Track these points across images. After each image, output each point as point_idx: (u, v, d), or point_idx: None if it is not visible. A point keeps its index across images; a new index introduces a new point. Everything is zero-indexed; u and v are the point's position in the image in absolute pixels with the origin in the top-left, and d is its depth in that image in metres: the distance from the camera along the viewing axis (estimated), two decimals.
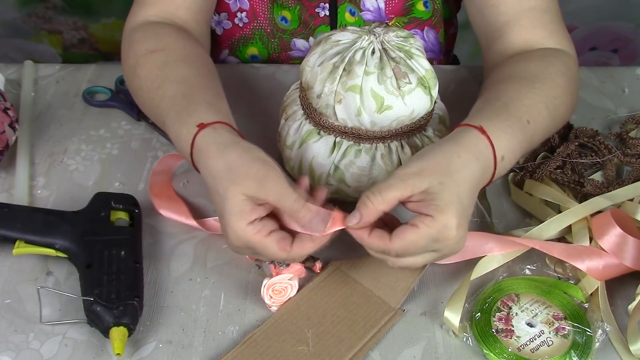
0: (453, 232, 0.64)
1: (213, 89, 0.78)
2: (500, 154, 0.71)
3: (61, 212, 0.77)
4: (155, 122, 0.82)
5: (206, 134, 0.70)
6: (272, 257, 0.67)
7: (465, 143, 0.69)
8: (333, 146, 0.77)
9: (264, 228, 0.66)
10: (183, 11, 0.89)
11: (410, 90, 0.73)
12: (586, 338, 0.68)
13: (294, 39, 1.03)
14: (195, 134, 0.70)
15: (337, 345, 0.68)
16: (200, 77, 0.79)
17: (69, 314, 0.71)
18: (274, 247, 0.66)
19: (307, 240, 0.67)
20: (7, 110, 0.86)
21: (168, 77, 0.78)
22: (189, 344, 0.69)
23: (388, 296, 0.72)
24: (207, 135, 0.70)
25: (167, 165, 0.86)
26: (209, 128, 0.70)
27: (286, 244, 0.66)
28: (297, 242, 0.67)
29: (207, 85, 0.78)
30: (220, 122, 0.71)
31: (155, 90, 0.78)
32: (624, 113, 0.97)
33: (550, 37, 0.86)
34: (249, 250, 0.68)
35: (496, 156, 0.70)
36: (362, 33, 0.75)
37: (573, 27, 1.92)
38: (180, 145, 0.73)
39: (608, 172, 0.86)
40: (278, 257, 0.67)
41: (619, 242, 0.73)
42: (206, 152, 0.69)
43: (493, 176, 0.71)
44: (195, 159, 0.71)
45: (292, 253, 0.66)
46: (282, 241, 0.66)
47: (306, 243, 0.67)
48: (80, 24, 1.95)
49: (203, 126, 0.70)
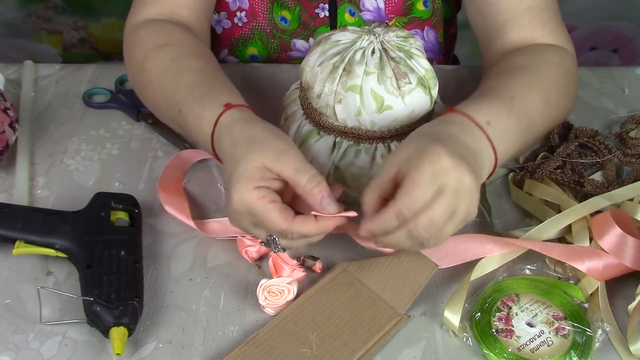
0: (446, 159, 0.62)
1: (228, 81, 0.79)
2: (482, 119, 0.69)
3: (61, 212, 0.77)
4: (164, 113, 0.82)
5: (233, 112, 0.71)
6: (271, 225, 0.66)
7: (434, 120, 0.71)
8: (333, 146, 0.77)
9: (269, 195, 0.66)
10: (184, 10, 0.90)
11: (410, 90, 0.73)
12: (586, 338, 0.68)
13: (294, 40, 1.03)
14: (221, 113, 0.71)
15: (340, 349, 0.68)
16: (214, 69, 0.80)
17: (69, 314, 0.71)
18: (276, 214, 0.65)
19: (311, 220, 0.66)
20: (7, 110, 0.86)
21: (182, 68, 0.79)
22: (189, 344, 0.69)
23: (394, 301, 0.72)
24: (233, 114, 0.71)
25: (182, 161, 0.86)
26: (236, 109, 0.72)
27: (288, 215, 0.65)
28: (300, 218, 0.66)
29: (222, 76, 0.79)
30: (245, 106, 0.73)
31: (168, 80, 0.79)
32: (624, 113, 0.97)
33: (548, 35, 0.86)
34: (249, 218, 0.67)
35: (477, 121, 0.69)
36: (362, 33, 0.75)
37: (573, 27, 1.92)
38: (200, 126, 0.73)
39: (608, 172, 0.86)
40: (277, 227, 0.66)
41: (618, 242, 0.73)
42: (231, 127, 0.70)
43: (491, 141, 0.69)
44: (217, 137, 0.71)
45: (293, 225, 0.65)
46: (285, 211, 0.66)
47: (309, 221, 0.66)
48: (80, 24, 1.95)
49: (230, 106, 0.72)
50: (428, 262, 0.74)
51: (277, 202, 0.66)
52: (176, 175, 0.85)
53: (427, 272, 0.74)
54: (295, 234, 0.66)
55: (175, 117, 0.79)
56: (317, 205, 0.66)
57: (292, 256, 0.74)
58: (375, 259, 0.75)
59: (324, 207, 0.66)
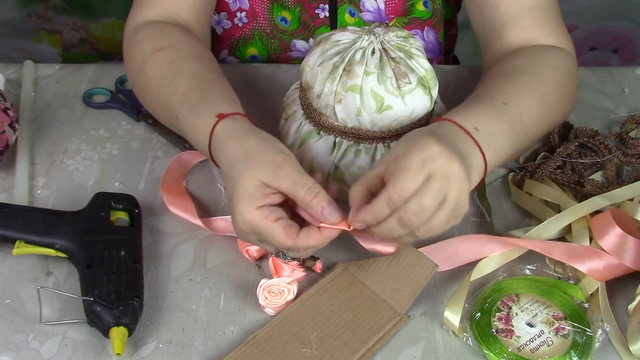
0: (435, 146, 0.63)
1: (225, 84, 0.79)
2: (469, 126, 0.69)
3: (61, 212, 0.77)
4: (163, 118, 0.82)
5: (226, 123, 0.71)
6: (277, 243, 0.66)
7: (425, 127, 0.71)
8: (333, 146, 0.77)
9: (272, 214, 0.66)
10: (185, 11, 0.89)
11: (410, 90, 0.73)
12: (586, 338, 0.68)
13: (294, 40, 1.03)
14: (215, 124, 0.71)
15: (340, 349, 0.68)
16: (211, 72, 0.80)
17: (69, 314, 0.71)
18: (280, 233, 0.65)
19: (315, 232, 0.66)
20: (7, 110, 0.86)
21: (179, 73, 0.79)
22: (189, 344, 0.69)
23: (394, 301, 0.72)
24: (227, 125, 0.71)
25: (183, 162, 0.86)
26: (229, 118, 0.71)
27: (292, 232, 0.65)
28: (304, 232, 0.66)
29: (218, 80, 0.79)
30: (238, 114, 0.73)
31: (165, 86, 0.78)
32: (624, 113, 0.97)
33: (549, 35, 0.86)
34: (255, 236, 0.67)
35: (464, 127, 0.69)
36: (362, 33, 0.75)
37: (573, 27, 1.92)
38: (197, 137, 0.73)
39: (608, 172, 0.86)
40: (283, 245, 0.66)
41: (619, 242, 0.73)
42: (225, 140, 0.70)
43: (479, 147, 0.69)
44: (214, 148, 0.71)
45: (298, 241, 0.66)
46: (289, 228, 0.66)
47: (313, 234, 0.66)
48: (80, 24, 1.95)
49: (222, 116, 0.71)
50: (428, 262, 0.74)
51: (281, 219, 0.66)
52: (177, 176, 0.85)
53: (427, 272, 0.74)
54: (302, 248, 0.67)
55: (174, 123, 0.79)
56: (319, 216, 0.66)
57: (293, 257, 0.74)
58: (375, 259, 0.75)
59: (325, 217, 0.66)
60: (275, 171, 0.66)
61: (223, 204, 0.83)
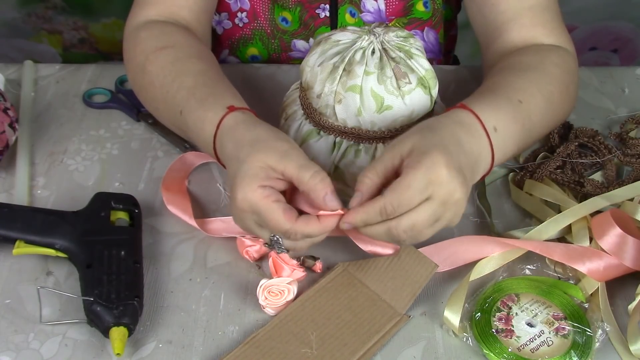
0: (443, 170, 0.63)
1: (229, 83, 0.80)
2: (490, 125, 0.70)
3: (61, 212, 0.77)
4: (164, 116, 0.82)
5: (236, 115, 0.72)
6: (275, 225, 0.66)
7: (445, 114, 0.71)
8: (333, 146, 0.77)
9: (273, 194, 0.66)
10: (186, 11, 0.90)
11: (410, 90, 0.73)
12: (586, 338, 0.68)
13: (294, 40, 1.03)
14: (224, 115, 0.72)
15: (340, 349, 0.68)
16: (215, 71, 0.81)
17: (69, 314, 0.71)
18: (280, 214, 0.65)
19: (314, 220, 0.67)
20: (7, 110, 0.86)
21: (184, 70, 0.79)
22: (189, 344, 0.69)
23: (394, 301, 0.72)
24: (236, 116, 0.72)
25: (187, 163, 0.86)
26: (239, 111, 0.72)
27: (292, 215, 0.66)
28: (304, 218, 0.66)
29: (223, 78, 0.80)
30: (247, 109, 0.74)
31: (169, 83, 0.79)
32: (624, 113, 0.97)
33: (549, 34, 0.86)
34: (253, 217, 0.67)
35: (485, 126, 0.70)
36: (362, 33, 0.75)
37: (573, 27, 1.92)
38: (202, 129, 0.74)
39: (608, 172, 0.86)
40: (281, 227, 0.66)
41: (618, 243, 0.73)
42: (235, 127, 0.71)
43: (492, 148, 0.70)
44: (220, 138, 0.72)
45: (296, 226, 0.66)
46: (289, 211, 0.66)
47: (312, 221, 0.66)
48: (80, 24, 1.95)
49: (234, 108, 0.72)
50: (428, 262, 0.74)
51: (281, 201, 0.66)
52: (179, 176, 0.85)
53: (427, 272, 0.74)
54: (299, 234, 0.66)
55: (176, 120, 0.79)
56: (320, 200, 0.66)
57: (292, 256, 0.74)
58: (375, 259, 0.75)
59: (326, 203, 0.66)
60: (283, 155, 0.66)
61: (223, 204, 0.83)
